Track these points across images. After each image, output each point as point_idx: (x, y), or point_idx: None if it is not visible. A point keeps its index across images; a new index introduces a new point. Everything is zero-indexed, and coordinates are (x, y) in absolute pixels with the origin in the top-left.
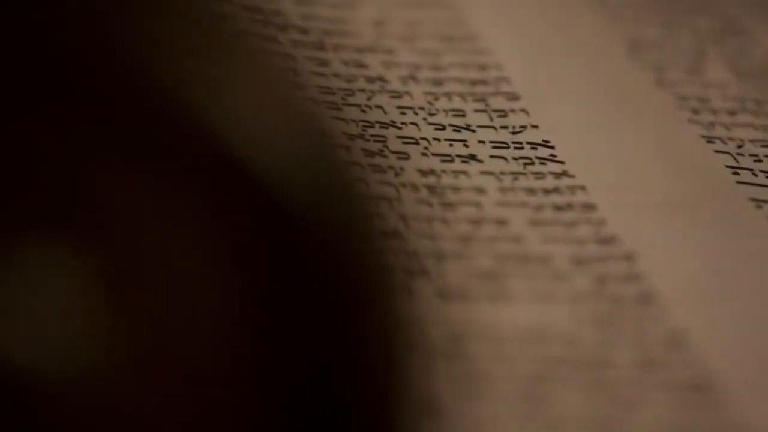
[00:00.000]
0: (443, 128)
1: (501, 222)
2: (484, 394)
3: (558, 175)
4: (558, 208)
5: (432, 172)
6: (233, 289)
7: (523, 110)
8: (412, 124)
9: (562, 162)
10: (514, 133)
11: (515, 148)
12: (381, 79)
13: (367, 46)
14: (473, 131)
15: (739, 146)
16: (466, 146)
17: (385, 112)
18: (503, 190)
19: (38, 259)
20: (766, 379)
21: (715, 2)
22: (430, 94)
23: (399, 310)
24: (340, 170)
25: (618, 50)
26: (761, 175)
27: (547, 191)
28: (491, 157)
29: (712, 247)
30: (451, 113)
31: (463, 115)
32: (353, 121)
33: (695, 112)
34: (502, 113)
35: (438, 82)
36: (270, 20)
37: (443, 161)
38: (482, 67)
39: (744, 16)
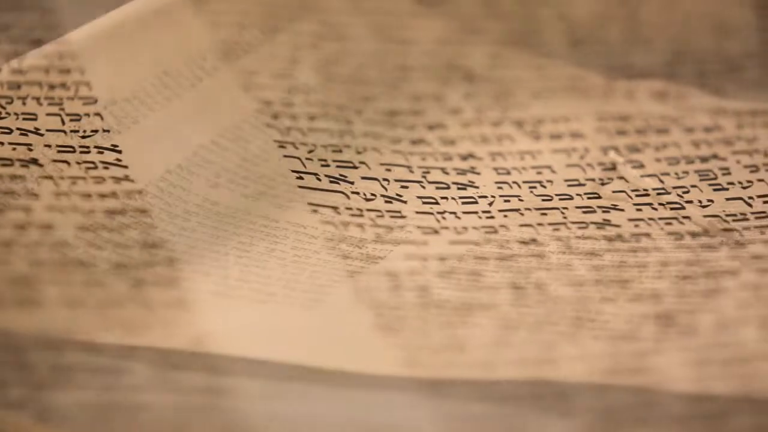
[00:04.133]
0: (9, 132)
1: (47, 227)
2: None
3: (118, 180)
4: (111, 212)
5: None
6: None
7: (97, 114)
8: None
9: (125, 167)
10: (84, 137)
11: (81, 152)
12: None
13: None
14: (41, 135)
15: (310, 151)
16: (30, 150)
17: None
18: (58, 194)
19: None
20: (272, 385)
21: (318, 8)
22: (4, 98)
23: None
24: None
25: (218, 55)
26: (324, 180)
27: (103, 196)
28: (54, 161)
29: (258, 251)
30: (22, 117)
31: (35, 119)
32: None
33: (275, 117)
34: (76, 117)
35: (16, 86)
36: None
37: (2, 166)
38: (65, 71)
39: (345, 22)
